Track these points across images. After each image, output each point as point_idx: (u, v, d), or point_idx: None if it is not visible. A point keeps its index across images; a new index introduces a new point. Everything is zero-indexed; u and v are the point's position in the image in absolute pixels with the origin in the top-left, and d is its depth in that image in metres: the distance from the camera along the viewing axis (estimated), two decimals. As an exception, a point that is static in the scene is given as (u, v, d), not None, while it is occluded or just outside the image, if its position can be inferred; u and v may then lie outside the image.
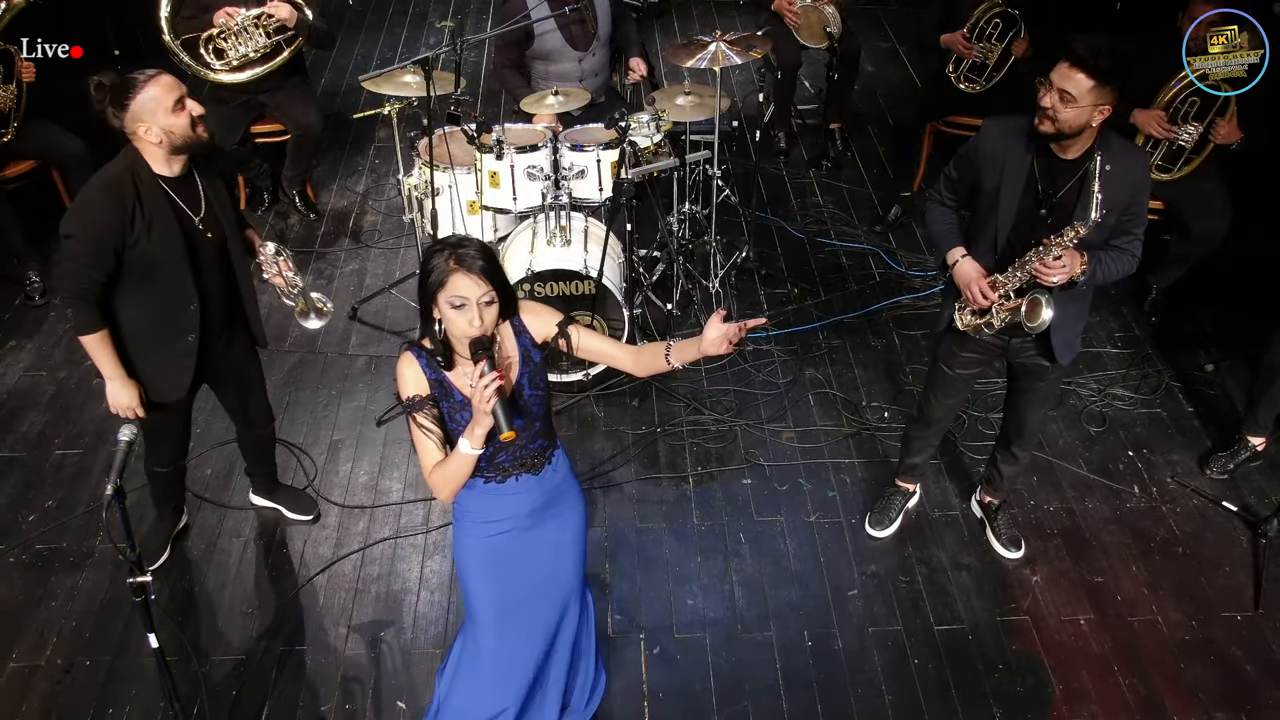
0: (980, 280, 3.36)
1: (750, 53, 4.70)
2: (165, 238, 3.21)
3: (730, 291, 5.23)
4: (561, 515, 2.90)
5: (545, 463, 2.82)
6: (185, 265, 3.28)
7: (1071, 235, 3.14)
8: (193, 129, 3.15)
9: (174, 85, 3.11)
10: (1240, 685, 3.57)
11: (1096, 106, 3.06)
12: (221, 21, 5.07)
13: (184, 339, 3.40)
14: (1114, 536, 4.09)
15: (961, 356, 3.64)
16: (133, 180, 3.15)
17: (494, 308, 2.51)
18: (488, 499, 2.78)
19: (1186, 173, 4.77)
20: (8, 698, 3.51)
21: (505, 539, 2.83)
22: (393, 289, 5.24)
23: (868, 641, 3.72)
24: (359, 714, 3.49)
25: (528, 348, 2.70)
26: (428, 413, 2.67)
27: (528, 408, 2.70)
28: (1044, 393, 3.64)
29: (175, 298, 3.33)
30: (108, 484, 2.59)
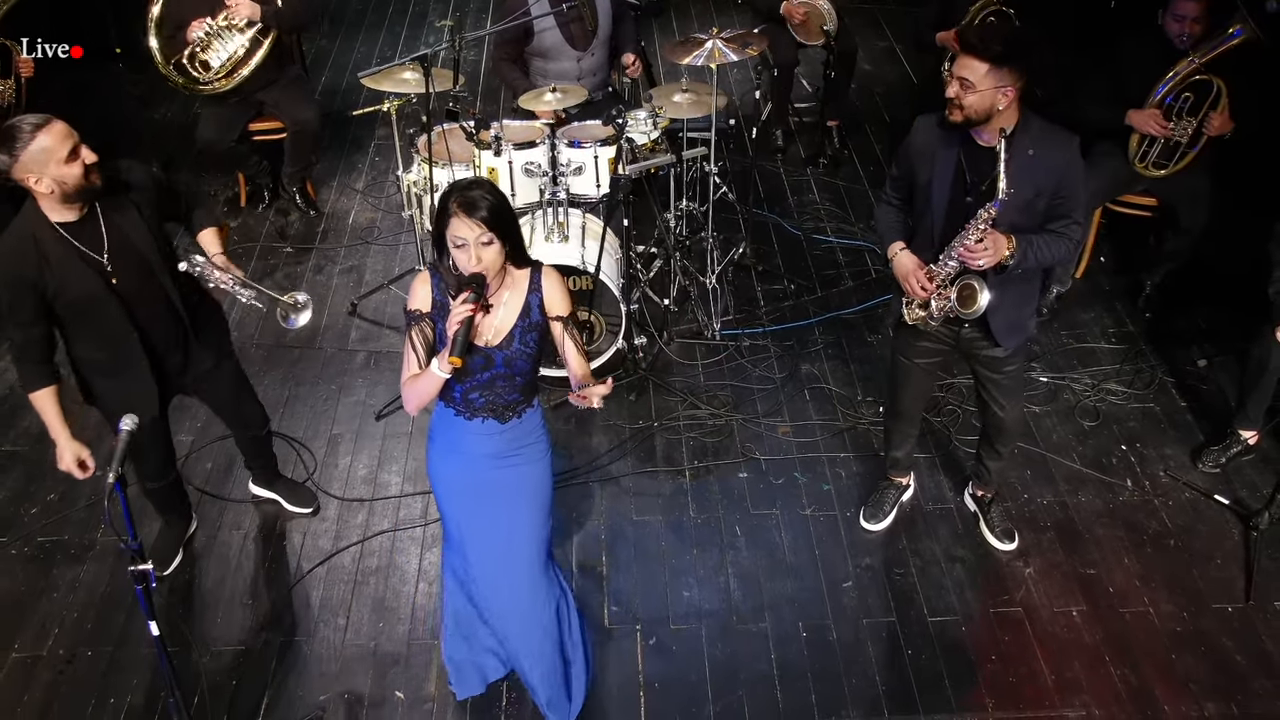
0: (917, 271, 3.43)
1: (746, 50, 4.74)
2: (81, 285, 3.17)
3: (727, 288, 5.26)
4: (519, 468, 3.04)
5: (514, 415, 2.97)
6: (111, 303, 3.23)
7: (985, 216, 3.21)
8: (86, 178, 3.05)
9: (66, 134, 3.00)
10: (1231, 676, 3.60)
11: (998, 89, 3.11)
12: (195, 35, 5.12)
13: (136, 367, 3.39)
14: (1106, 529, 4.12)
15: (917, 347, 3.70)
16: (34, 239, 3.10)
17: (492, 248, 2.69)
18: (454, 430, 2.98)
19: (1181, 166, 4.80)
20: (10, 687, 3.55)
21: (466, 472, 3.02)
22: (392, 285, 5.28)
23: (862, 633, 3.76)
24: (357, 704, 3.53)
25: (533, 305, 2.86)
26: (422, 329, 2.84)
27: (512, 358, 2.85)
28: (1007, 386, 3.67)
29: (113, 335, 3.31)
30: (109, 473, 2.62)
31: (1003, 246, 3.22)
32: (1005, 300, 3.39)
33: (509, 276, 2.85)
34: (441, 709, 3.52)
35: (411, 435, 4.53)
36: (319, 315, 5.19)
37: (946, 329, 3.55)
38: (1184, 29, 4.60)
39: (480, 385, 2.89)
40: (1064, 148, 3.26)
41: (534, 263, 2.91)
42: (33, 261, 3.10)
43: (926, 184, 3.37)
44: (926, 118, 3.40)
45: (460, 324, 2.67)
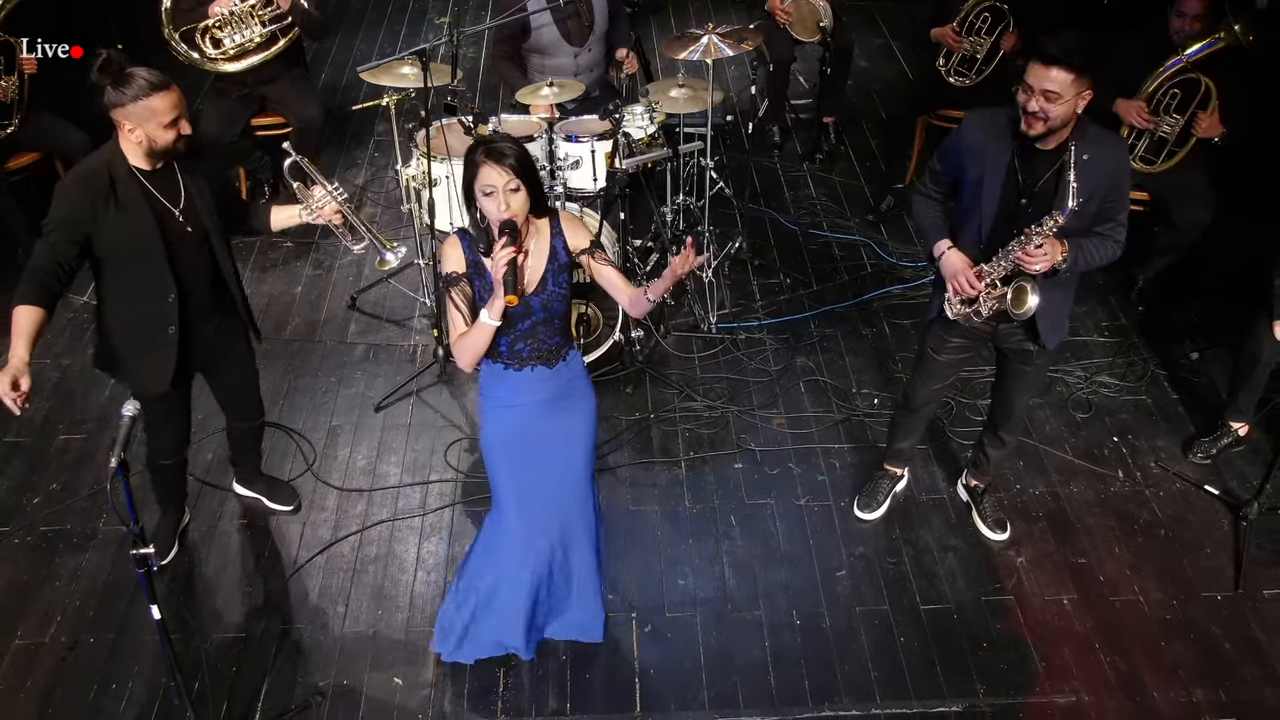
0: (966, 271, 3.43)
1: (742, 45, 4.78)
2: (140, 229, 3.26)
3: (724, 281, 5.31)
4: (573, 407, 3.24)
5: (559, 359, 3.16)
6: (162, 257, 3.31)
7: (1050, 224, 3.21)
8: (174, 144, 3.21)
9: (176, 105, 3.16)
10: (1219, 662, 3.65)
11: (1079, 96, 3.13)
12: (218, 11, 5.16)
13: (164, 331, 3.43)
14: (1098, 519, 4.16)
15: (950, 343, 3.71)
16: (108, 173, 3.21)
17: (519, 194, 2.88)
18: (507, 384, 3.14)
19: (1171, 165, 4.84)
20: (14, 673, 3.60)
21: (522, 423, 3.18)
22: (391, 279, 5.32)
23: (855, 620, 3.80)
24: (356, 690, 3.57)
25: (558, 249, 3.05)
26: (461, 289, 3.02)
27: (549, 301, 3.05)
28: (1031, 377, 3.71)
29: (153, 289, 3.36)
30: (112, 457, 2.66)
31: (1058, 252, 3.25)
32: (1050, 301, 3.39)
33: (532, 226, 3.02)
34: (439, 694, 3.56)
35: (410, 427, 4.57)
36: (317, 308, 5.24)
37: (985, 324, 3.55)
38: (1184, 25, 4.65)
39: (523, 334, 3.07)
40: (1116, 152, 3.28)
41: (551, 210, 3.10)
42: (103, 192, 3.19)
43: (977, 181, 3.36)
44: (979, 113, 3.40)
45: (506, 265, 2.84)
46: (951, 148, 3.45)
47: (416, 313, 5.18)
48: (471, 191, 2.92)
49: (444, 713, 3.51)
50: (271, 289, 5.37)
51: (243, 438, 4.10)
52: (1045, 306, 3.35)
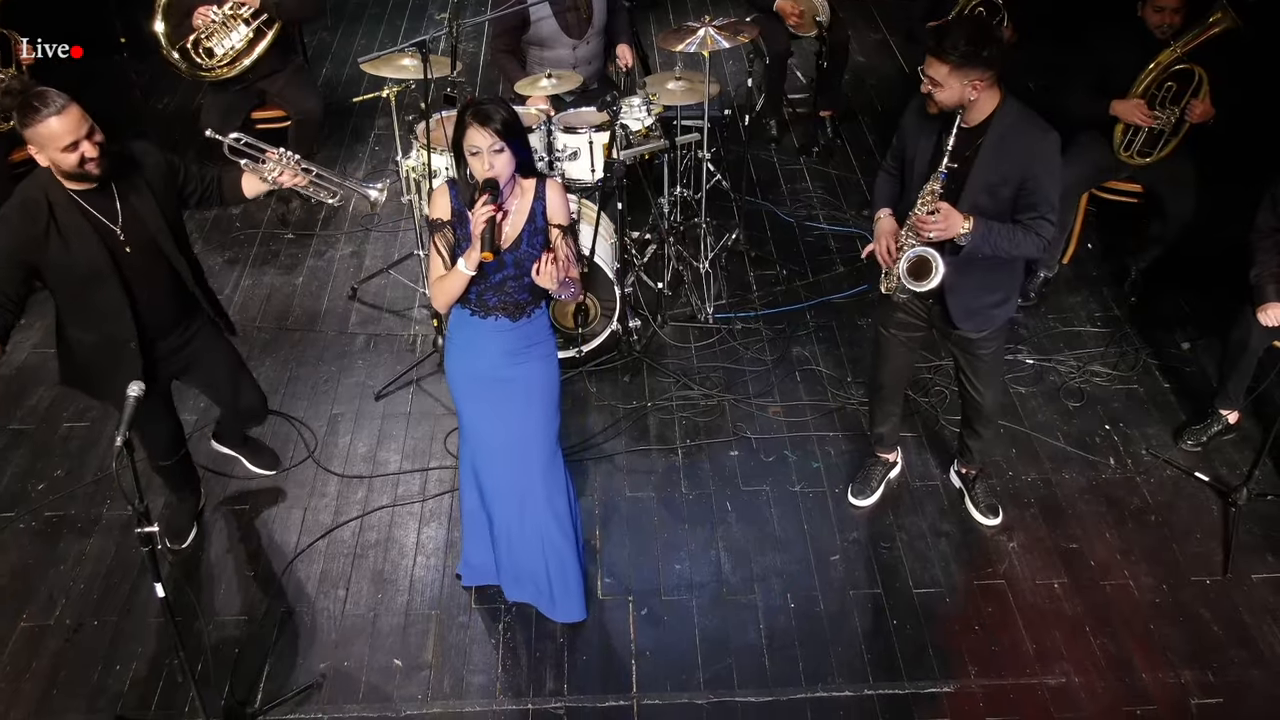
0: (887, 236, 3.55)
1: (738, 37, 4.83)
2: (85, 251, 3.21)
3: (720, 273, 5.36)
4: (531, 365, 3.36)
5: (524, 315, 3.29)
6: (112, 276, 3.27)
7: (930, 187, 3.35)
8: (80, 166, 3.09)
9: (74, 126, 3.03)
10: (1207, 644, 3.70)
11: (964, 85, 3.23)
12: (200, 23, 5.23)
13: (125, 347, 3.39)
14: (1089, 505, 4.22)
15: (894, 319, 3.80)
16: (46, 199, 3.15)
17: (503, 155, 3.01)
18: (469, 328, 3.30)
19: (1164, 155, 4.89)
20: (19, 655, 3.65)
21: (482, 368, 3.34)
22: (391, 269, 5.38)
23: (848, 604, 3.85)
24: (356, 671, 3.63)
25: (537, 212, 3.18)
26: (444, 235, 3.19)
27: (521, 259, 3.17)
28: (982, 370, 3.78)
29: (107, 308, 3.33)
30: (117, 437, 2.72)
31: (956, 222, 3.32)
32: (964, 284, 3.50)
33: (518, 186, 3.17)
34: (438, 676, 3.61)
35: (410, 415, 4.63)
36: (318, 299, 5.29)
37: (919, 304, 3.64)
38: (1164, 20, 4.68)
39: (494, 286, 3.21)
40: (1036, 139, 3.31)
41: (540, 174, 3.24)
42: (42, 220, 3.15)
43: (911, 160, 3.51)
44: (918, 96, 3.49)
45: (485, 223, 3.00)
46: (900, 129, 3.61)
47: (416, 303, 5.23)
48: (460, 149, 3.05)
49: (443, 693, 3.56)
50: (273, 280, 5.43)
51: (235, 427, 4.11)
52: (954, 284, 3.47)
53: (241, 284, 5.40)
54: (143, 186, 3.31)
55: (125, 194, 3.27)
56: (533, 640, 3.72)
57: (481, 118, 2.96)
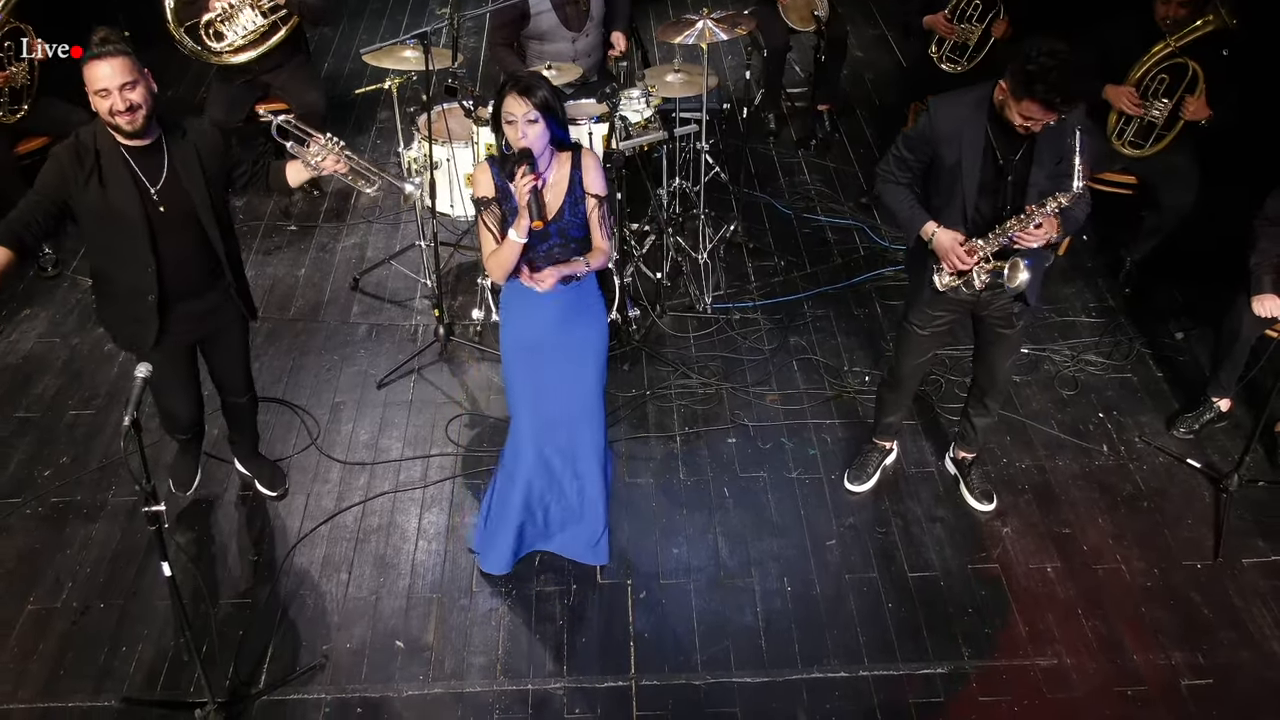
0: (957, 248, 3.52)
1: (736, 29, 4.88)
2: (120, 203, 3.33)
3: (719, 264, 5.41)
4: (587, 324, 3.58)
5: (574, 279, 3.45)
6: (142, 230, 3.36)
7: (1053, 205, 3.32)
8: (110, 116, 3.21)
9: (111, 75, 3.16)
10: (1197, 627, 3.76)
11: None
12: (219, 6, 5.28)
13: (143, 299, 3.48)
14: (1082, 491, 4.27)
15: (935, 318, 3.81)
16: (94, 146, 3.30)
17: (537, 126, 3.17)
18: (524, 297, 3.47)
19: (1159, 149, 4.95)
20: (27, 637, 3.71)
21: (538, 335, 3.52)
22: (393, 260, 5.43)
23: (844, 587, 3.91)
24: (359, 653, 3.68)
25: (575, 181, 3.35)
26: (492, 211, 3.35)
27: (565, 229, 3.37)
28: (1013, 341, 3.83)
29: (132, 260, 3.43)
30: (125, 416, 2.76)
31: (1054, 229, 3.40)
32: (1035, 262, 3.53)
33: (555, 158, 3.33)
34: (440, 658, 3.67)
35: (411, 404, 4.68)
36: (321, 289, 5.35)
37: (971, 294, 3.64)
38: (1170, 12, 4.74)
39: (542, 255, 3.40)
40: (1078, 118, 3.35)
41: (575, 145, 3.40)
42: (88, 165, 3.29)
43: (955, 164, 3.46)
44: (946, 100, 3.48)
45: (529, 193, 3.17)
46: (924, 135, 3.52)
47: (418, 294, 5.29)
48: (499, 118, 3.21)
49: (444, 674, 3.62)
50: (276, 270, 5.48)
51: (238, 415, 4.15)
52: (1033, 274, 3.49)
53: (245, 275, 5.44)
54: (193, 157, 3.43)
55: (174, 159, 3.39)
56: (533, 622, 3.77)
57: (521, 88, 3.14)
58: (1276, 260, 4.17)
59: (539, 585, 3.90)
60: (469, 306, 5.13)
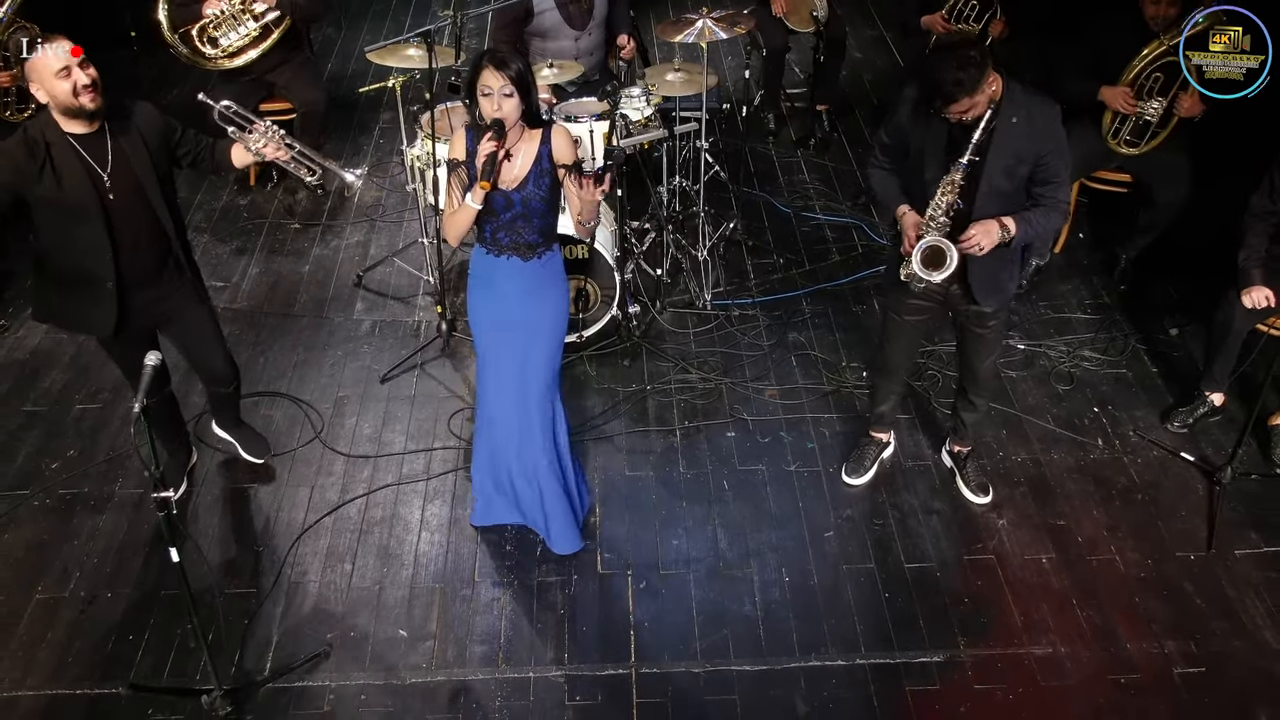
0: (912, 228, 3.61)
1: (735, 28, 4.95)
2: (73, 191, 3.39)
3: (719, 261, 5.47)
4: (541, 307, 3.64)
5: (535, 256, 3.56)
6: (98, 217, 3.43)
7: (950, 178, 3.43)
8: (74, 97, 3.28)
9: (63, 54, 3.24)
10: (1190, 616, 3.80)
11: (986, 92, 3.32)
12: (211, 12, 5.35)
13: (102, 285, 3.55)
14: (1077, 484, 4.32)
15: (907, 304, 3.89)
16: (44, 138, 3.35)
17: (512, 100, 3.27)
18: (485, 266, 3.60)
19: (1153, 146, 5.00)
20: (35, 625, 3.76)
21: (498, 310, 3.63)
22: (396, 257, 5.49)
23: (842, 578, 3.95)
24: (362, 641, 3.73)
25: (543, 155, 3.44)
26: (460, 174, 3.45)
27: (528, 199, 3.46)
28: (988, 340, 3.88)
29: (89, 247, 3.49)
30: (135, 404, 2.82)
31: (993, 233, 3.45)
32: (983, 263, 3.58)
33: (526, 133, 3.43)
34: (442, 646, 3.72)
35: (414, 398, 4.73)
36: (325, 286, 5.40)
37: (938, 286, 3.68)
38: (1160, 12, 4.80)
39: (504, 225, 3.49)
40: (1045, 115, 3.43)
41: (546, 122, 3.48)
42: (38, 157, 3.34)
43: (919, 152, 3.56)
44: (915, 89, 3.55)
45: (486, 157, 3.28)
46: (898, 121, 3.64)
47: (421, 290, 5.34)
48: (474, 90, 3.32)
49: (447, 662, 3.67)
50: (280, 267, 5.54)
51: (219, 404, 4.22)
52: (976, 266, 3.57)
53: (250, 272, 5.51)
54: (137, 139, 3.49)
55: (118, 142, 3.46)
56: (534, 611, 3.82)
57: (497, 62, 3.25)
58: (1264, 254, 4.22)
59: (540, 575, 3.95)
60: (471, 302, 5.19)
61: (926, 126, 3.51)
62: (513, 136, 3.39)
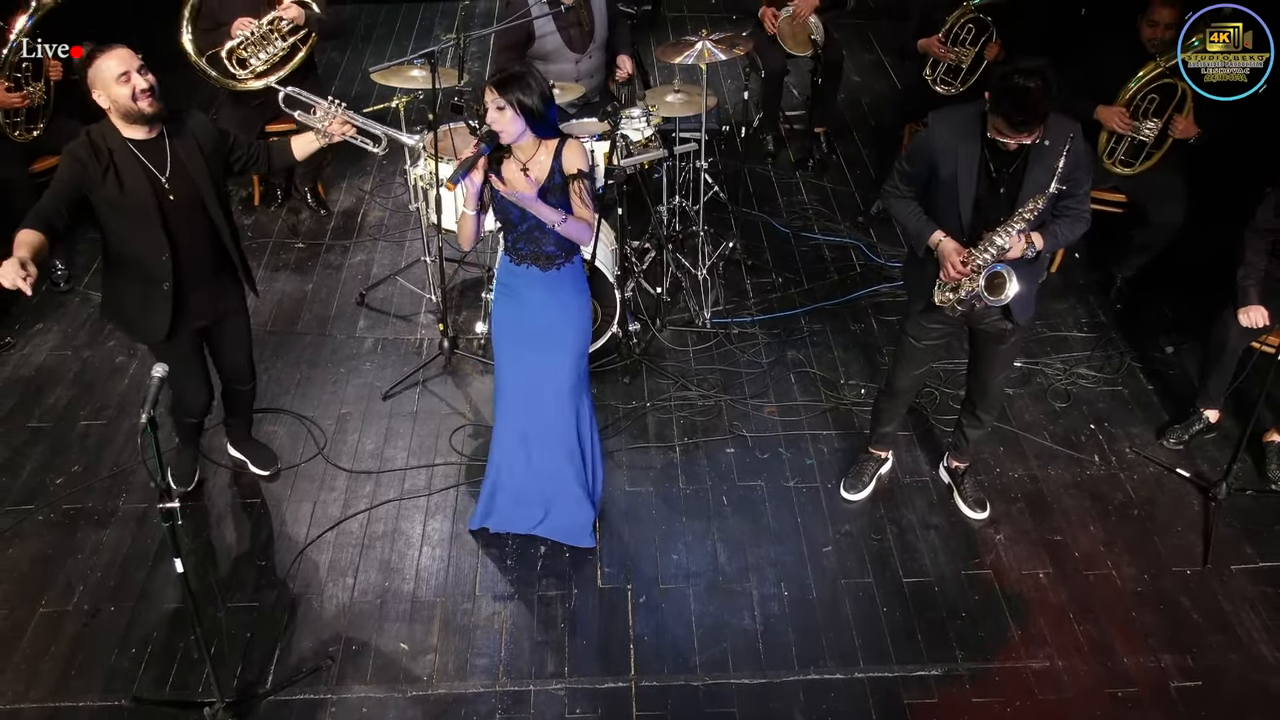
0: (954, 256, 3.61)
1: (734, 50, 5.02)
2: (134, 195, 3.52)
3: (718, 280, 5.52)
4: (565, 314, 3.75)
5: (554, 267, 3.66)
6: (156, 220, 3.57)
7: (1031, 208, 3.43)
8: (134, 101, 3.43)
9: (125, 59, 3.41)
10: (1187, 630, 3.83)
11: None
12: (240, 33, 5.42)
13: (158, 287, 3.67)
14: (1074, 500, 4.35)
15: (931, 329, 3.91)
16: (105, 144, 3.49)
17: (505, 113, 3.39)
18: (508, 271, 3.74)
19: (1148, 166, 5.07)
20: (39, 638, 3.78)
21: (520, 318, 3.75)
22: (399, 276, 5.54)
23: (840, 592, 3.98)
24: (364, 654, 3.75)
25: (555, 170, 3.52)
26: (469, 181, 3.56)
27: None
28: (1005, 355, 3.92)
29: (149, 249, 3.62)
30: (142, 414, 2.85)
31: (1037, 236, 3.51)
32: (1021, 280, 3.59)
33: (541, 146, 3.52)
34: (444, 659, 3.74)
35: (416, 415, 4.77)
36: (328, 304, 5.46)
37: (966, 305, 3.71)
38: (1156, 34, 4.88)
39: (523, 235, 3.61)
40: (1070, 132, 3.45)
41: (561, 135, 3.55)
42: (101, 161, 3.47)
43: (951, 177, 3.56)
44: (944, 115, 3.60)
45: (461, 159, 3.42)
46: (924, 148, 3.64)
47: (423, 308, 5.39)
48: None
49: (448, 675, 3.69)
50: (284, 286, 5.59)
51: (239, 401, 4.30)
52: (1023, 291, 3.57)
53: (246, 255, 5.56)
54: (193, 146, 3.64)
55: (176, 149, 3.60)
56: (534, 625, 3.85)
57: (494, 81, 3.40)
58: (1263, 272, 4.26)
59: (541, 589, 3.98)
60: (473, 320, 5.24)
61: (954, 152, 3.53)
62: (528, 150, 3.50)
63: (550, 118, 3.48)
